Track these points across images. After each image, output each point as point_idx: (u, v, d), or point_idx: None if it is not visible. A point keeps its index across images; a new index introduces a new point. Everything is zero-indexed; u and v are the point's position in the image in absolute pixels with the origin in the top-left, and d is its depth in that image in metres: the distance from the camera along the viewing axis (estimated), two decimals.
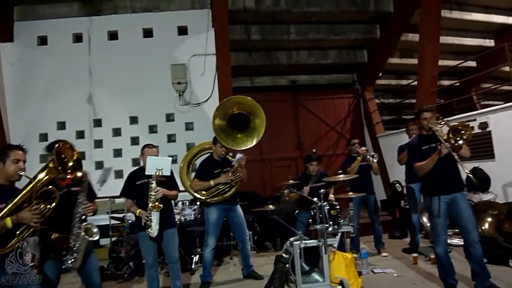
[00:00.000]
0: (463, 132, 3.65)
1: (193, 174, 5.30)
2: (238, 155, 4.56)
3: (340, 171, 4.79)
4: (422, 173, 3.82)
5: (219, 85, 7.70)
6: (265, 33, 8.97)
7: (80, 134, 7.76)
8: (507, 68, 7.64)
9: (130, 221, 5.80)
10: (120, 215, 6.26)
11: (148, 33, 8.06)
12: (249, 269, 4.88)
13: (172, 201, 4.22)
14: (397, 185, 7.34)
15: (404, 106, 11.86)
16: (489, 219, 5.48)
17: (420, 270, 4.71)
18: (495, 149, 6.60)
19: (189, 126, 7.89)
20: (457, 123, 3.81)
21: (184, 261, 5.47)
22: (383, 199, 8.83)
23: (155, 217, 3.71)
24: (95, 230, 3.05)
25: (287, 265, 3.97)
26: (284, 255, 4.11)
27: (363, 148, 5.65)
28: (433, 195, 3.80)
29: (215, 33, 7.77)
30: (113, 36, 8.03)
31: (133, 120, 7.84)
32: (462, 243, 5.08)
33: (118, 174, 7.57)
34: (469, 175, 3.64)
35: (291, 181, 4.65)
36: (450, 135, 3.65)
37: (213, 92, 7.72)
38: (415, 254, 5.10)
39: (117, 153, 7.75)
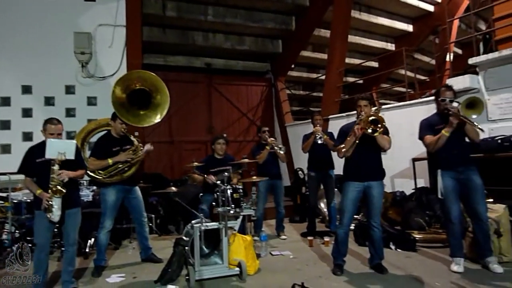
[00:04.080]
0: (379, 126, 3.65)
1: (89, 152, 4.92)
2: (147, 146, 4.43)
3: (245, 156, 4.84)
4: (340, 155, 3.97)
5: (128, 59, 7.24)
6: (181, 11, 8.65)
7: None
8: (403, 71, 8.41)
9: (15, 201, 5.24)
10: (4, 194, 5.61)
11: None
12: (147, 252, 4.71)
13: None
14: (300, 172, 7.72)
15: (312, 99, 12.48)
16: None
17: (315, 251, 5.00)
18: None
19: (91, 101, 7.28)
20: (379, 115, 3.75)
21: (78, 244, 5.12)
22: (287, 185, 9.22)
23: (56, 202, 3.39)
24: None
25: (186, 248, 3.92)
26: (184, 237, 4.05)
27: (272, 139, 5.75)
28: (345, 180, 4.03)
29: (126, 3, 7.25)
30: None
31: (26, 89, 6.98)
32: (353, 227, 5.56)
33: (5, 148, 6.75)
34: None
35: (195, 163, 4.57)
36: (366, 123, 3.69)
37: (121, 66, 7.23)
38: (311, 237, 5.41)
39: (5, 125, 6.86)
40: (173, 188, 4.44)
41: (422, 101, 6.72)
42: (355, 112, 4.11)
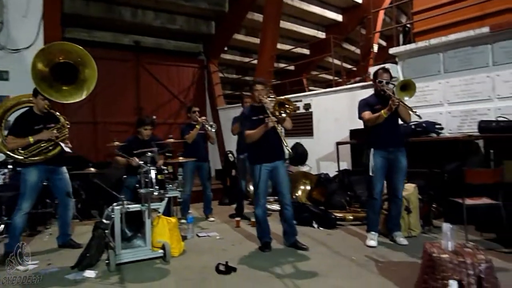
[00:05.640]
0: (287, 106, 3.94)
1: (7, 131, 4.46)
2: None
3: (171, 135, 4.72)
4: (250, 140, 4.06)
5: (45, 31, 6.64)
6: None
7: None
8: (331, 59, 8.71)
9: None
10: None
11: None
12: (65, 238, 4.42)
13: None
14: (230, 155, 7.74)
15: (245, 83, 12.50)
16: (302, 187, 6.26)
17: (241, 232, 5.07)
18: (314, 128, 7.52)
19: (3, 76, 6.57)
20: (283, 98, 4.12)
21: None
22: (218, 168, 9.22)
23: None
24: None
25: (106, 231, 3.75)
26: (104, 221, 3.86)
27: (203, 117, 5.67)
28: (256, 163, 4.09)
29: None
30: None
31: None
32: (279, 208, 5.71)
33: None
34: (288, 149, 3.93)
35: (116, 142, 4.35)
36: (276, 108, 3.91)
37: (37, 39, 6.62)
38: (238, 218, 5.47)
39: None
40: (92, 169, 4.21)
41: (346, 88, 7.04)
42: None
